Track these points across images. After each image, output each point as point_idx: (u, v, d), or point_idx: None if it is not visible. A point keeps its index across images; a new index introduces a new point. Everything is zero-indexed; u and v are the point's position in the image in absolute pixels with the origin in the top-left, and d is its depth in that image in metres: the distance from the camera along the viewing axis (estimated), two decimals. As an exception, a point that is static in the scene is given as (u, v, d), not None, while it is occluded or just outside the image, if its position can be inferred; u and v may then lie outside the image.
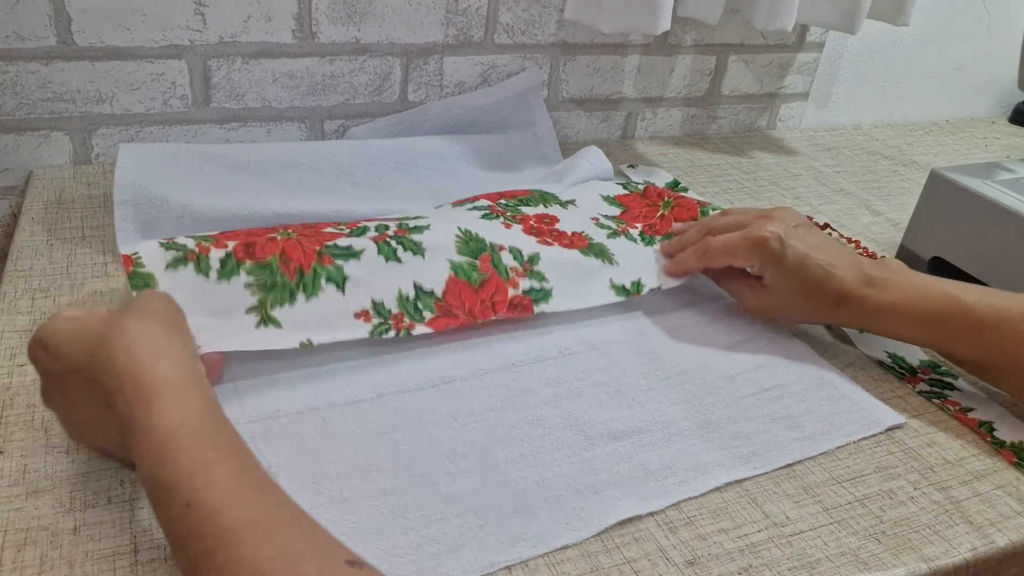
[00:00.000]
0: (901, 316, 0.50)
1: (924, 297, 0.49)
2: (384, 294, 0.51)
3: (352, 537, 0.38)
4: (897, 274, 0.51)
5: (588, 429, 0.46)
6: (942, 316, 0.49)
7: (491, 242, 0.55)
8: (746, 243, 0.53)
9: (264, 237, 0.51)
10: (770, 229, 0.52)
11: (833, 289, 0.51)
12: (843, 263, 0.51)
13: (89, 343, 0.36)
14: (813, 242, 0.52)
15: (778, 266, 0.52)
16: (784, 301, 0.53)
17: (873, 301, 0.50)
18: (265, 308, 0.48)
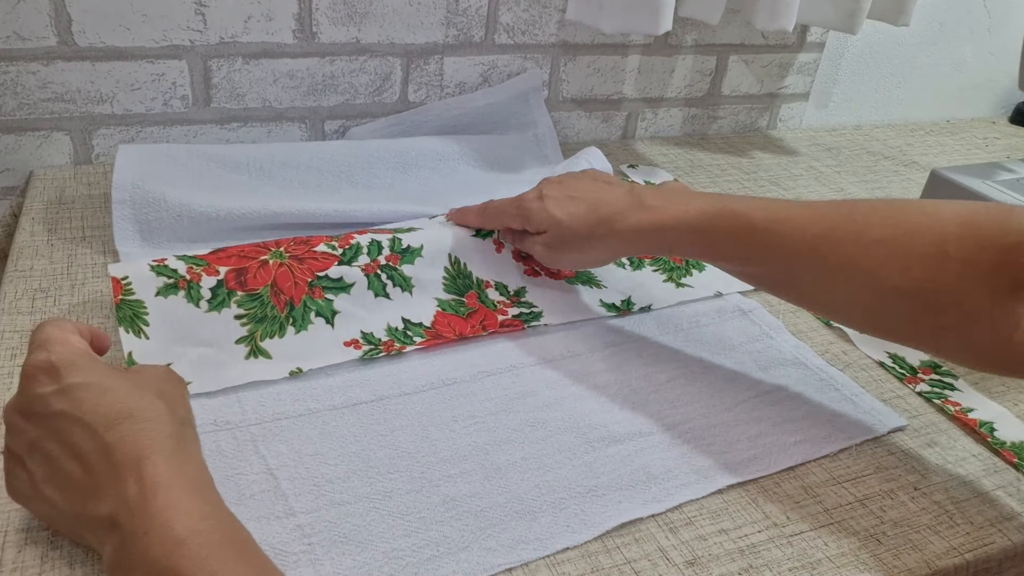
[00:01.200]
0: (673, 232, 0.48)
1: (697, 210, 0.47)
2: (374, 327, 0.51)
3: (353, 539, 0.38)
4: (669, 194, 0.49)
5: (589, 432, 0.46)
6: (713, 224, 0.46)
7: (478, 278, 0.57)
8: (512, 205, 0.55)
9: (256, 260, 0.51)
10: (534, 190, 0.54)
11: (601, 220, 0.50)
12: (609, 195, 0.51)
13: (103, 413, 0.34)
14: (580, 186, 0.53)
15: (540, 215, 0.52)
16: (563, 243, 0.52)
17: (644, 223, 0.48)
18: (255, 340, 0.49)
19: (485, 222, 0.58)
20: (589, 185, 0.53)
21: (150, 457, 0.33)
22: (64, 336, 0.37)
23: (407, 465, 0.43)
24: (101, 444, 0.33)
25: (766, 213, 0.45)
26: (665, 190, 0.50)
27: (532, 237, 0.54)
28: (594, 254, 0.53)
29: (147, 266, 0.50)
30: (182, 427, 0.36)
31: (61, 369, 0.35)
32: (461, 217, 0.59)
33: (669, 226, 0.48)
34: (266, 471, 0.41)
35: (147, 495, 0.32)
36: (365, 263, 0.54)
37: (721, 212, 0.46)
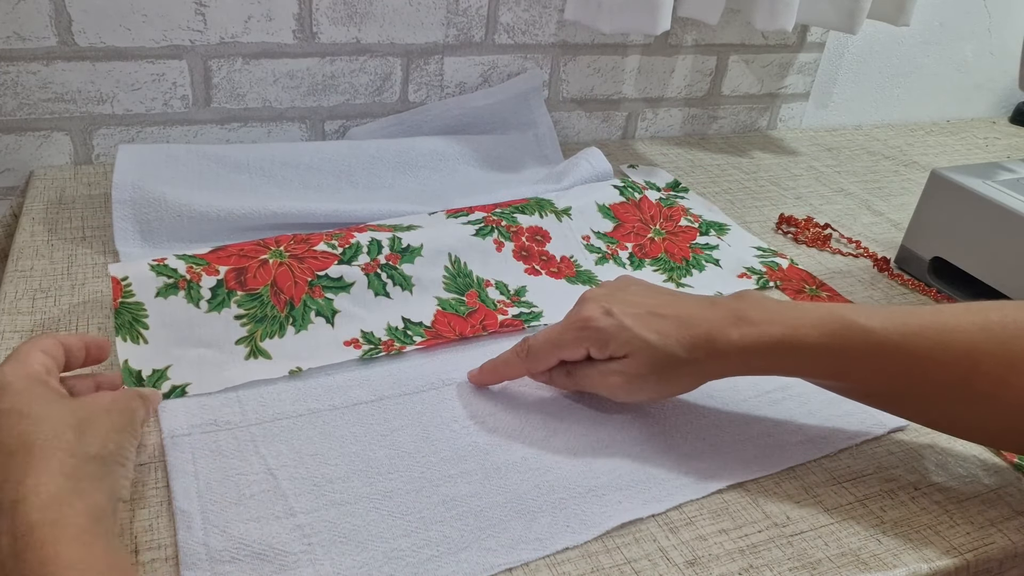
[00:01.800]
0: (790, 351, 0.41)
1: (812, 324, 0.41)
2: (374, 326, 0.51)
3: (353, 539, 0.38)
4: (765, 304, 0.43)
5: (589, 432, 0.46)
6: (839, 343, 0.40)
7: (478, 276, 0.56)
8: (571, 328, 0.44)
9: (256, 260, 0.51)
10: (591, 305, 0.44)
11: (698, 339, 0.42)
12: (696, 308, 0.43)
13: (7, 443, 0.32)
14: (650, 300, 0.44)
15: (621, 335, 0.42)
16: (651, 369, 0.42)
17: (751, 340, 0.41)
18: (255, 340, 0.49)
19: (532, 365, 0.46)
20: (661, 296, 0.45)
21: (27, 499, 0.30)
22: (26, 353, 0.36)
23: (407, 465, 0.43)
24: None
25: (897, 326, 0.40)
26: (754, 299, 0.43)
27: (604, 366, 0.44)
28: (686, 381, 0.44)
29: (147, 266, 0.50)
30: (85, 463, 0.33)
31: None
32: (495, 375, 0.48)
33: (783, 344, 0.41)
34: (266, 471, 0.41)
35: (19, 547, 0.29)
36: (365, 262, 0.54)
37: (842, 326, 0.40)
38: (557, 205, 0.65)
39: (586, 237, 0.64)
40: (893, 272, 0.68)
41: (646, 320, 0.43)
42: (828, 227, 0.74)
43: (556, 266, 0.61)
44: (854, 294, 0.64)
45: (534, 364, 0.46)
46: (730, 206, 0.77)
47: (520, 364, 0.47)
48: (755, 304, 0.43)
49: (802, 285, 0.64)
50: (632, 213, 0.67)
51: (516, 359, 0.47)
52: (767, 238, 0.72)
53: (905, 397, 0.42)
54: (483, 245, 0.58)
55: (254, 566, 0.36)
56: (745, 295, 0.44)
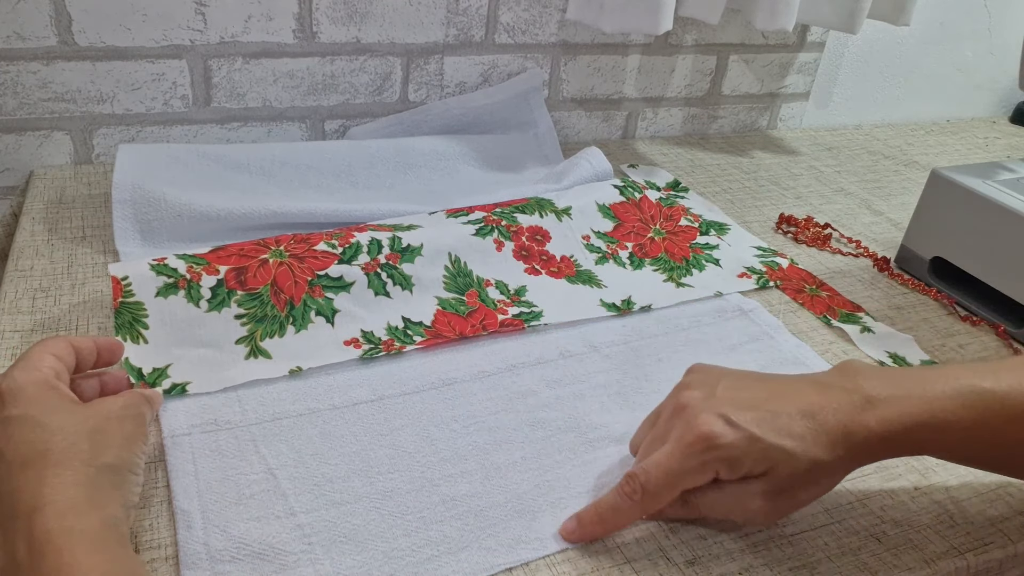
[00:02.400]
0: (934, 431, 0.37)
1: (944, 396, 0.37)
2: (374, 326, 0.51)
3: (352, 539, 0.38)
4: (879, 376, 0.39)
5: (590, 431, 0.46)
6: (976, 416, 0.37)
7: (478, 276, 0.56)
8: (693, 452, 0.37)
9: (256, 259, 0.51)
10: (703, 415, 0.37)
11: (835, 436, 0.37)
12: (815, 395, 0.38)
13: (23, 452, 0.32)
14: (760, 394, 0.38)
15: (754, 450, 0.36)
16: (795, 480, 0.37)
17: (889, 425, 0.37)
18: (255, 340, 0.49)
19: (650, 505, 0.38)
20: (770, 388, 0.39)
21: (44, 508, 0.31)
22: (37, 358, 0.37)
23: (407, 465, 0.43)
24: (11, 486, 0.31)
25: (1022, 384, 0.37)
26: (866, 374, 0.39)
27: (738, 488, 0.37)
28: (829, 482, 0.38)
29: (147, 265, 0.50)
30: (99, 473, 0.33)
31: (6, 398, 0.34)
32: (607, 526, 0.39)
33: (921, 425, 0.37)
34: (266, 471, 0.41)
35: (35, 555, 0.29)
36: (365, 262, 0.54)
37: (977, 396, 0.37)
38: (557, 205, 0.65)
39: (586, 237, 0.64)
40: (893, 272, 0.68)
41: (773, 423, 0.37)
42: (828, 227, 0.74)
43: (556, 266, 0.61)
44: (854, 294, 0.64)
45: (652, 504, 0.38)
46: (730, 206, 0.77)
47: (635, 508, 0.38)
48: (871, 379, 0.38)
49: (802, 285, 0.64)
50: (632, 213, 0.67)
51: (627, 502, 0.38)
52: (767, 238, 0.72)
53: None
54: (483, 245, 0.58)
55: (254, 566, 0.36)
56: (847, 368, 0.40)
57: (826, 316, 0.60)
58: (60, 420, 0.34)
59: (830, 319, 0.60)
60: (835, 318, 0.60)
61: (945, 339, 0.60)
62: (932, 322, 0.62)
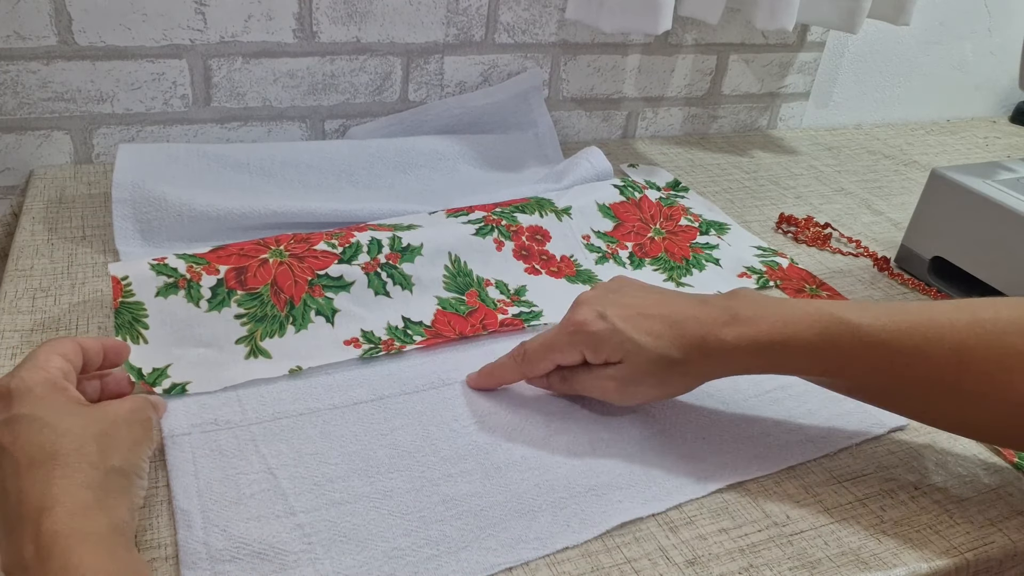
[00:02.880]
0: (783, 349, 0.41)
1: (804, 322, 0.41)
2: (374, 325, 0.51)
3: (353, 538, 0.38)
4: (757, 301, 0.43)
5: (589, 431, 0.46)
6: (829, 340, 0.40)
7: (478, 276, 0.56)
8: (565, 333, 0.44)
9: (256, 259, 0.51)
10: (585, 308, 0.44)
11: (691, 340, 0.42)
12: (688, 308, 0.43)
13: (31, 452, 0.32)
14: (642, 300, 0.44)
15: (614, 339, 0.42)
16: (645, 372, 0.43)
17: (744, 339, 0.41)
18: (255, 340, 0.49)
19: (528, 369, 0.46)
20: (654, 296, 0.45)
21: (52, 509, 0.31)
22: (45, 358, 0.36)
23: (407, 464, 0.43)
24: (18, 486, 0.31)
25: (886, 323, 0.40)
26: (746, 297, 0.43)
27: (598, 371, 0.44)
28: (682, 382, 0.44)
29: (147, 265, 0.50)
30: (107, 476, 0.33)
31: (14, 397, 0.34)
32: (493, 379, 0.48)
33: (776, 342, 0.41)
34: (266, 470, 0.41)
35: (43, 555, 0.29)
36: (365, 261, 0.54)
37: (833, 322, 0.40)
38: (557, 204, 0.65)
39: (586, 236, 0.64)
40: (893, 271, 0.68)
41: (638, 322, 0.43)
42: (828, 226, 0.74)
43: (556, 265, 0.61)
44: (854, 293, 0.64)
45: (529, 368, 0.46)
46: (730, 205, 0.77)
47: (516, 368, 0.47)
48: (747, 302, 0.43)
49: (802, 284, 0.64)
50: (632, 212, 0.67)
51: (512, 363, 0.47)
52: (767, 237, 0.72)
53: (895, 393, 0.42)
54: (483, 244, 0.58)
55: (254, 565, 0.36)
56: (738, 293, 0.44)
57: (826, 316, 0.60)
58: (69, 422, 0.34)
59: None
60: (835, 318, 0.60)
61: (945, 339, 0.60)
62: (932, 322, 0.62)
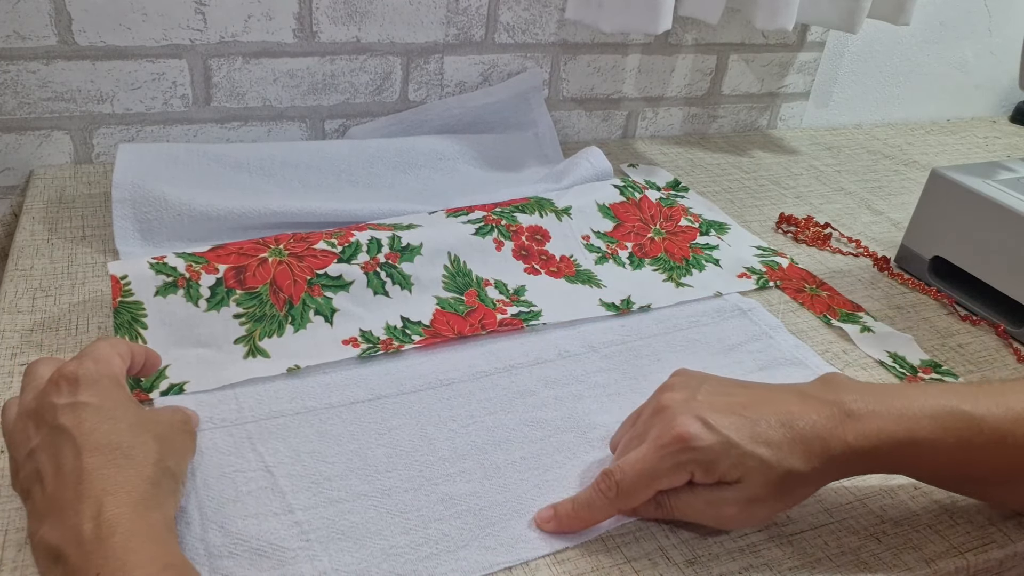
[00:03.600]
0: (910, 448, 0.37)
1: (925, 418, 0.37)
2: (372, 325, 0.51)
3: (350, 537, 0.38)
4: (861, 391, 0.39)
5: (589, 431, 0.46)
6: (956, 436, 0.37)
7: (477, 276, 0.56)
8: (668, 452, 0.37)
9: (256, 258, 0.51)
10: (681, 417, 0.37)
11: (812, 448, 0.37)
12: (794, 405, 0.38)
13: (95, 438, 0.33)
14: (738, 399, 0.39)
15: (730, 455, 0.36)
16: (768, 491, 0.37)
17: (868, 440, 0.37)
18: (254, 339, 0.49)
19: (625, 503, 0.39)
20: (745, 392, 0.39)
21: (116, 494, 0.32)
22: (108, 354, 0.37)
23: (405, 464, 0.43)
24: (78, 468, 0.32)
25: (1005, 412, 0.37)
26: (848, 389, 0.39)
27: (711, 494, 0.38)
28: (804, 493, 0.39)
29: (147, 264, 0.50)
30: (163, 476, 0.34)
31: (81, 384, 0.35)
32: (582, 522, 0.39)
33: (902, 442, 0.37)
34: (263, 468, 0.41)
35: (103, 534, 0.30)
36: (364, 261, 0.54)
37: (955, 417, 0.37)
38: (557, 204, 0.65)
39: (586, 237, 0.64)
40: (893, 271, 0.68)
41: (750, 430, 0.37)
42: (828, 226, 0.74)
43: (556, 265, 0.60)
44: (854, 293, 0.64)
45: (627, 502, 0.38)
46: (730, 205, 0.77)
47: (609, 505, 0.39)
48: (852, 393, 0.38)
49: (802, 284, 0.64)
50: (632, 213, 0.67)
51: (602, 499, 0.39)
52: (767, 237, 0.72)
53: (1010, 483, 0.40)
54: (483, 244, 0.58)
55: (252, 562, 0.36)
56: (831, 380, 0.40)
57: (826, 316, 0.60)
58: (132, 418, 0.35)
59: (830, 319, 0.60)
60: (835, 318, 0.60)
61: (945, 339, 0.60)
62: (932, 322, 0.62)
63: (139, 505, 0.32)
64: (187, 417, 0.41)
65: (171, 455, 0.36)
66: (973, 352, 0.58)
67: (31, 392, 0.36)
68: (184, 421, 0.40)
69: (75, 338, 0.50)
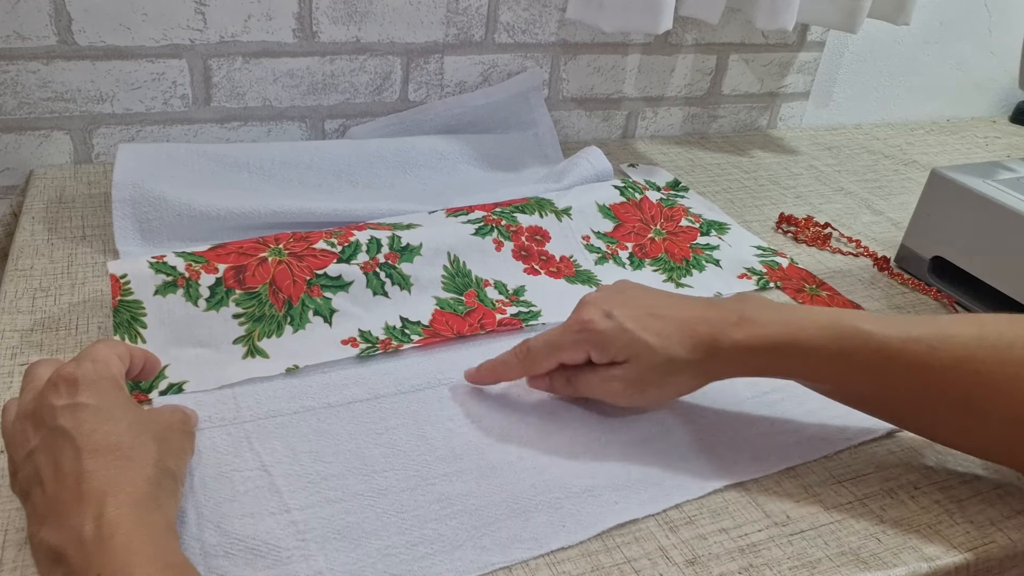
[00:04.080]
0: (792, 351, 0.41)
1: (815, 326, 0.41)
2: (371, 325, 0.51)
3: (347, 536, 0.38)
4: (767, 305, 0.43)
5: (586, 431, 0.46)
6: (840, 345, 0.40)
7: (477, 276, 0.56)
8: (571, 332, 0.44)
9: (255, 258, 0.51)
10: (591, 308, 0.44)
11: (700, 340, 0.42)
12: (697, 310, 0.43)
13: (95, 439, 0.33)
14: (649, 301, 0.44)
15: (621, 338, 0.42)
16: (653, 372, 0.42)
17: (755, 339, 0.41)
18: (253, 340, 0.49)
19: (531, 367, 0.46)
20: (661, 298, 0.45)
21: (117, 495, 0.32)
22: (107, 355, 0.38)
23: (402, 463, 0.42)
24: (78, 468, 0.32)
25: (897, 333, 0.39)
26: (755, 300, 0.43)
27: (603, 372, 0.44)
28: (688, 383, 0.44)
29: (146, 263, 0.50)
30: (163, 476, 0.35)
31: (80, 385, 0.35)
32: (493, 375, 0.47)
33: (786, 343, 0.40)
34: (260, 467, 0.41)
35: (104, 535, 0.30)
36: (364, 261, 0.54)
37: (845, 329, 0.40)
38: (557, 205, 0.65)
39: (586, 237, 0.64)
40: (893, 271, 0.68)
41: (647, 322, 0.42)
42: (828, 226, 0.74)
43: (555, 266, 0.60)
44: (854, 293, 0.64)
45: (532, 366, 0.46)
46: (730, 205, 0.77)
47: (518, 365, 0.46)
48: (757, 305, 0.43)
49: (802, 284, 0.64)
50: (632, 213, 0.67)
51: (515, 360, 0.46)
52: (767, 237, 0.72)
53: (900, 405, 0.42)
54: (482, 244, 0.58)
55: (248, 561, 0.36)
56: (746, 297, 0.44)
57: (826, 315, 0.60)
58: (131, 419, 0.35)
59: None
60: (835, 317, 0.60)
61: (945, 338, 0.59)
62: (932, 321, 0.61)
63: (140, 506, 0.32)
64: (186, 417, 0.41)
65: (171, 455, 0.36)
66: (973, 352, 0.58)
67: (30, 393, 0.36)
68: (183, 421, 0.40)
69: (75, 338, 0.50)
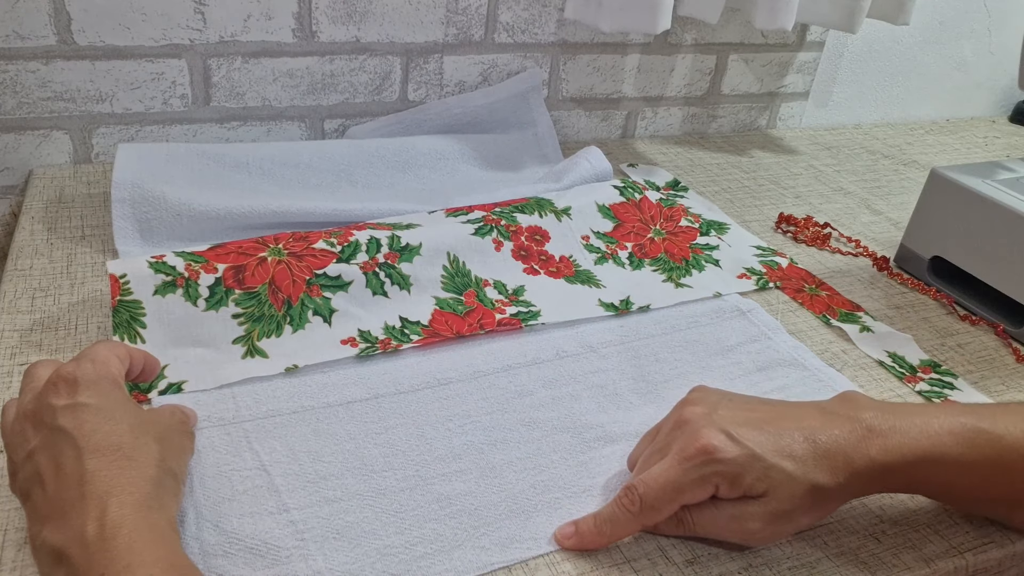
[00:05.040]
0: (933, 465, 0.37)
1: (946, 435, 0.37)
2: (371, 325, 0.51)
3: (346, 536, 0.38)
4: (882, 409, 0.39)
5: (585, 432, 0.46)
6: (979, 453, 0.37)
7: (476, 276, 0.56)
8: (692, 465, 0.36)
9: (255, 258, 0.51)
10: (704, 430, 0.37)
11: (836, 462, 0.37)
12: (816, 421, 0.38)
13: (96, 440, 0.33)
14: (760, 414, 0.38)
15: (755, 467, 0.36)
16: (793, 505, 0.37)
17: (891, 456, 0.37)
18: (252, 340, 0.49)
19: (649, 518, 0.38)
20: (765, 407, 0.39)
21: (119, 495, 0.32)
22: (106, 356, 0.38)
23: (402, 463, 0.42)
24: (80, 469, 0.32)
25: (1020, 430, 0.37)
26: (865, 404, 0.39)
27: (736, 510, 0.37)
28: (828, 509, 0.38)
29: (146, 263, 0.50)
30: (165, 476, 0.35)
31: (80, 385, 0.35)
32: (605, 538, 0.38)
33: (925, 459, 0.37)
34: (259, 467, 0.41)
35: (107, 535, 0.30)
36: (364, 260, 0.54)
37: (976, 434, 0.37)
38: (557, 205, 0.65)
39: (585, 237, 0.64)
40: (892, 271, 0.68)
41: (775, 443, 0.36)
42: (828, 226, 0.74)
43: (555, 266, 0.60)
44: (853, 293, 0.64)
45: (652, 516, 0.37)
46: (730, 205, 0.77)
47: (633, 520, 0.38)
48: (872, 410, 0.38)
49: (801, 284, 0.64)
50: (632, 213, 0.67)
51: (626, 515, 0.38)
52: (767, 237, 0.72)
53: None
54: (482, 244, 0.58)
55: (247, 560, 0.36)
56: (849, 398, 0.40)
57: (825, 315, 0.60)
58: (131, 419, 0.35)
59: (829, 318, 0.59)
60: (834, 317, 0.60)
61: (944, 338, 0.60)
62: (931, 321, 0.61)
63: (142, 506, 0.32)
64: (185, 417, 0.41)
65: (171, 455, 0.36)
66: (972, 352, 0.58)
67: (29, 394, 0.36)
68: (183, 421, 0.40)
69: (74, 338, 0.50)
